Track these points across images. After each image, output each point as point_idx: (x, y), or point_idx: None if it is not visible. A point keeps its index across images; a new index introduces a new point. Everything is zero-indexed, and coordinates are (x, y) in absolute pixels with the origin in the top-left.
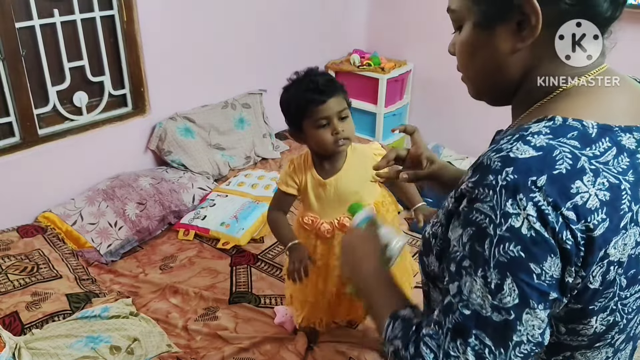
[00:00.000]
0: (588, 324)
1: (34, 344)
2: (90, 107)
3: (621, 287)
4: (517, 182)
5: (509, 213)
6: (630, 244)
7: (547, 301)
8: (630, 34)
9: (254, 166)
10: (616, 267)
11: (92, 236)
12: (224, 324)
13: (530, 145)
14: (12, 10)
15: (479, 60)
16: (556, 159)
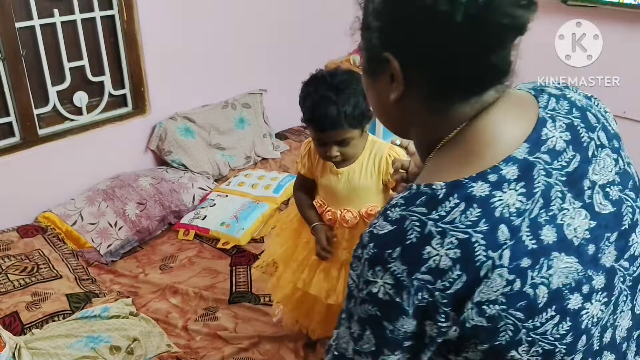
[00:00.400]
0: (514, 358)
1: (34, 344)
2: (91, 107)
3: (520, 320)
4: (376, 256)
5: (369, 281)
6: (497, 286)
7: (402, 348)
8: (630, 34)
9: (254, 166)
10: (491, 305)
11: (92, 236)
12: (223, 324)
13: (388, 220)
14: (12, 10)
15: (372, 101)
16: (407, 229)
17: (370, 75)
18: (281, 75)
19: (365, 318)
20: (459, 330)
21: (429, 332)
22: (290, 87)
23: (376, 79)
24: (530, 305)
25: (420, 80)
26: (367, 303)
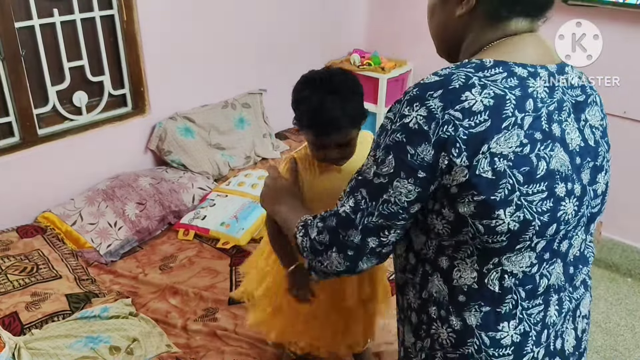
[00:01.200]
0: (499, 217)
1: (33, 344)
2: (90, 107)
3: (518, 182)
4: (417, 96)
5: (404, 114)
6: (513, 142)
7: (416, 177)
8: (630, 34)
9: (254, 166)
10: (502, 160)
11: (92, 236)
12: (223, 324)
13: (437, 75)
14: (12, 10)
15: (436, 20)
16: (452, 79)
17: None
18: (281, 75)
19: (392, 144)
20: (468, 175)
21: (440, 165)
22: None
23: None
24: (530, 172)
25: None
26: (397, 132)
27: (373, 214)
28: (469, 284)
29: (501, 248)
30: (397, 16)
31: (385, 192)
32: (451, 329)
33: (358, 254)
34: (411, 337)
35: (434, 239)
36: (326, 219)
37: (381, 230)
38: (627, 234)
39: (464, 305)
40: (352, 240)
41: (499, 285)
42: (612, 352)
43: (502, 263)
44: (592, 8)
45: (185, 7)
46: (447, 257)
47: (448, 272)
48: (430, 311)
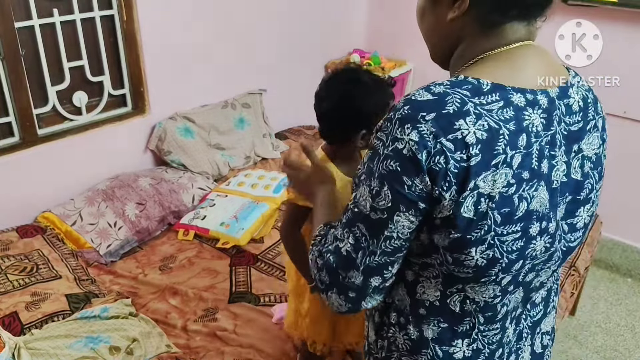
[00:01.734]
0: (469, 254)
1: (33, 344)
2: (90, 107)
3: (496, 223)
4: (408, 116)
5: (396, 138)
6: (500, 182)
7: (416, 209)
8: (630, 34)
9: (254, 166)
10: (487, 200)
11: (92, 236)
12: (223, 324)
13: (430, 92)
14: (12, 10)
15: (426, 24)
16: (447, 101)
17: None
18: (281, 75)
19: (386, 174)
20: (452, 211)
21: (433, 195)
22: (290, 87)
23: (436, 3)
24: (509, 214)
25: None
26: (390, 159)
27: (375, 252)
28: (431, 300)
29: (466, 278)
30: (397, 16)
31: (386, 229)
32: (407, 337)
33: (360, 295)
34: (373, 335)
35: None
36: (325, 257)
37: (384, 267)
38: (627, 234)
39: (423, 318)
40: (352, 282)
41: (460, 307)
42: (612, 352)
43: (465, 289)
44: (592, 8)
45: (185, 7)
46: (413, 272)
47: (412, 285)
48: (390, 316)
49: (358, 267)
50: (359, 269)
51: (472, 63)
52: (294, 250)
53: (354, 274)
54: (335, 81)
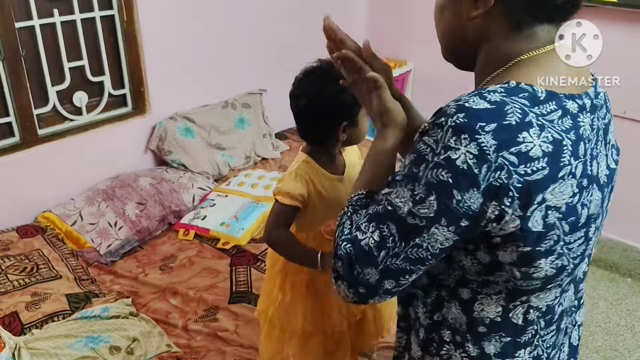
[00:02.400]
0: (538, 266)
1: (33, 344)
2: (90, 107)
3: (564, 232)
4: (464, 125)
5: (450, 147)
6: (567, 193)
7: (457, 226)
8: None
9: (254, 166)
10: (554, 212)
11: (92, 236)
12: (223, 324)
13: (486, 100)
14: (12, 10)
15: (445, 21)
16: (507, 112)
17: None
18: (281, 75)
19: (435, 183)
20: (519, 227)
21: (489, 214)
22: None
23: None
24: (574, 222)
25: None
26: (442, 168)
27: (399, 255)
28: (491, 317)
29: (533, 289)
30: (397, 16)
31: (419, 236)
32: (466, 354)
33: (371, 293)
34: (419, 350)
35: (457, 270)
36: (343, 248)
37: (402, 274)
38: (627, 234)
39: (483, 335)
40: (367, 280)
41: (523, 318)
42: (612, 352)
43: (529, 300)
44: (592, 8)
45: (186, 7)
46: (470, 289)
47: (469, 303)
48: (443, 334)
49: (377, 265)
50: (377, 267)
51: (509, 67)
52: (288, 249)
53: (371, 272)
54: (309, 78)
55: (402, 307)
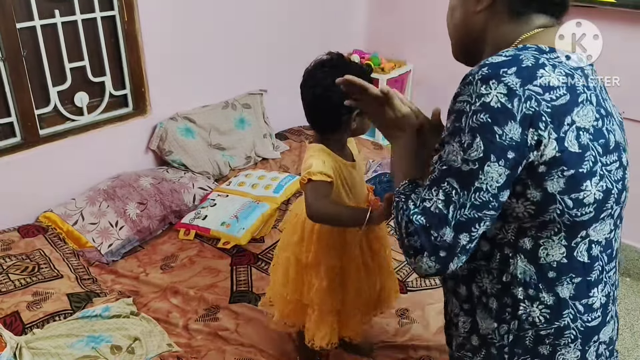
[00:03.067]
0: (586, 189)
1: (35, 343)
2: (91, 107)
3: (599, 153)
4: (490, 74)
5: (482, 94)
6: (590, 116)
7: (506, 159)
8: (630, 34)
9: (255, 166)
10: (585, 133)
11: (93, 236)
12: (224, 324)
13: (502, 55)
14: (13, 11)
15: (455, 18)
16: (522, 59)
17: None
18: (281, 75)
19: (477, 127)
20: (557, 148)
21: (529, 141)
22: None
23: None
24: (605, 144)
25: None
26: (480, 112)
27: (465, 205)
28: (557, 260)
29: (589, 220)
30: (397, 17)
31: (477, 180)
32: (543, 305)
33: (450, 254)
34: (491, 323)
35: (512, 222)
36: (414, 220)
37: (472, 224)
38: (626, 234)
39: (555, 280)
40: (444, 240)
41: (588, 255)
42: None
43: (589, 234)
44: (592, 8)
45: (186, 7)
46: (530, 237)
47: (533, 252)
48: (515, 293)
49: (450, 222)
50: (450, 224)
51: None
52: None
53: (445, 231)
54: (322, 68)
55: (465, 287)
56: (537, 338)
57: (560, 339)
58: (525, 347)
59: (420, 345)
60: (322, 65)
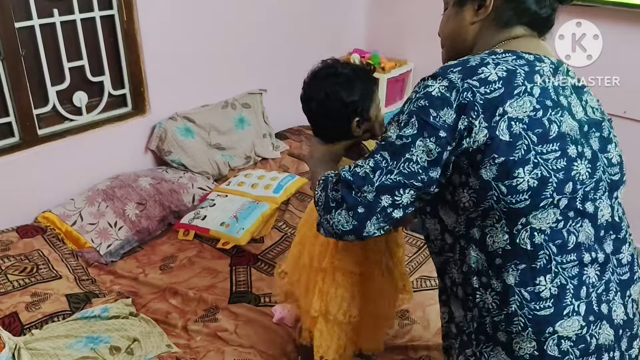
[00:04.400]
0: (518, 176)
1: (33, 344)
2: (90, 107)
3: (533, 142)
4: (438, 72)
5: (427, 85)
6: (526, 107)
7: (437, 137)
8: (630, 34)
9: (254, 166)
10: (518, 123)
11: (92, 236)
12: (223, 325)
13: (454, 60)
14: (12, 10)
15: (450, 26)
16: (469, 60)
17: (459, 6)
18: (281, 75)
19: (415, 109)
20: (487, 135)
21: (460, 126)
22: (290, 87)
23: (463, 8)
24: (543, 134)
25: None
26: (421, 99)
27: (392, 172)
28: (502, 247)
29: (525, 207)
30: (397, 16)
31: (408, 152)
32: (494, 292)
33: (368, 213)
34: (461, 311)
35: (462, 214)
36: (342, 176)
37: (397, 188)
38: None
39: (501, 267)
40: (364, 197)
41: (530, 242)
42: None
43: (529, 222)
44: (592, 8)
45: (185, 7)
46: (477, 227)
47: (481, 241)
48: (473, 282)
49: (373, 183)
50: (373, 185)
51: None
52: None
53: (367, 189)
54: (317, 80)
55: (440, 279)
56: (493, 324)
57: (511, 325)
58: (487, 334)
59: (420, 346)
60: (313, 77)
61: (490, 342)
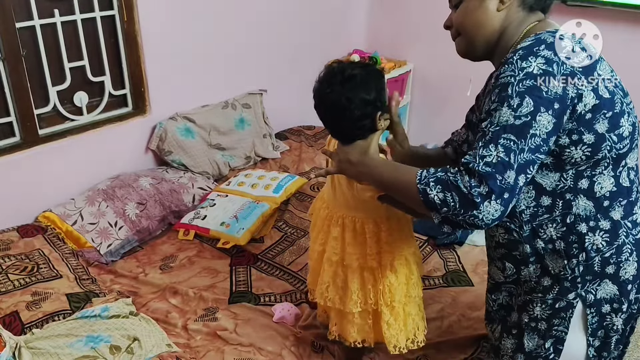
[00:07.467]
0: (622, 125)
1: (34, 343)
2: (91, 107)
3: (621, 96)
4: (526, 53)
5: (524, 67)
6: (607, 69)
7: (553, 109)
8: (630, 34)
9: (254, 166)
10: (608, 82)
11: (92, 236)
12: (223, 324)
13: (526, 41)
14: (13, 10)
15: (474, 17)
16: (543, 39)
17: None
18: (281, 75)
19: (524, 90)
20: (594, 97)
21: (570, 94)
22: (290, 87)
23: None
24: (622, 89)
25: None
26: (525, 80)
27: (524, 150)
28: (609, 189)
29: (627, 151)
30: (397, 16)
31: (531, 128)
32: (603, 231)
33: (511, 195)
34: (562, 261)
35: (569, 169)
36: (474, 171)
37: (529, 165)
38: None
39: (609, 207)
40: (509, 182)
41: (628, 180)
42: None
43: (627, 163)
44: (592, 8)
45: (186, 7)
46: (586, 177)
47: (589, 189)
48: (580, 229)
49: (513, 166)
50: (513, 167)
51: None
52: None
53: (510, 174)
54: (334, 87)
55: (528, 245)
56: (603, 261)
57: (621, 255)
58: (594, 272)
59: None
60: (324, 84)
61: (597, 279)
